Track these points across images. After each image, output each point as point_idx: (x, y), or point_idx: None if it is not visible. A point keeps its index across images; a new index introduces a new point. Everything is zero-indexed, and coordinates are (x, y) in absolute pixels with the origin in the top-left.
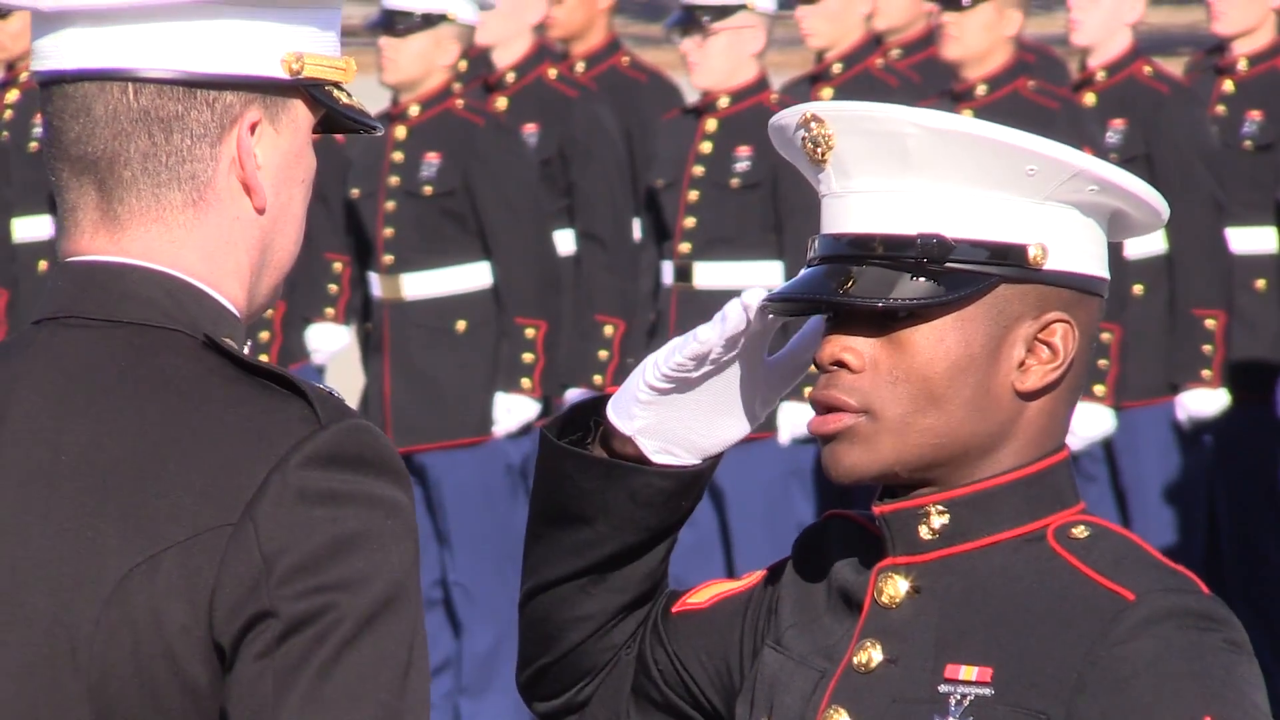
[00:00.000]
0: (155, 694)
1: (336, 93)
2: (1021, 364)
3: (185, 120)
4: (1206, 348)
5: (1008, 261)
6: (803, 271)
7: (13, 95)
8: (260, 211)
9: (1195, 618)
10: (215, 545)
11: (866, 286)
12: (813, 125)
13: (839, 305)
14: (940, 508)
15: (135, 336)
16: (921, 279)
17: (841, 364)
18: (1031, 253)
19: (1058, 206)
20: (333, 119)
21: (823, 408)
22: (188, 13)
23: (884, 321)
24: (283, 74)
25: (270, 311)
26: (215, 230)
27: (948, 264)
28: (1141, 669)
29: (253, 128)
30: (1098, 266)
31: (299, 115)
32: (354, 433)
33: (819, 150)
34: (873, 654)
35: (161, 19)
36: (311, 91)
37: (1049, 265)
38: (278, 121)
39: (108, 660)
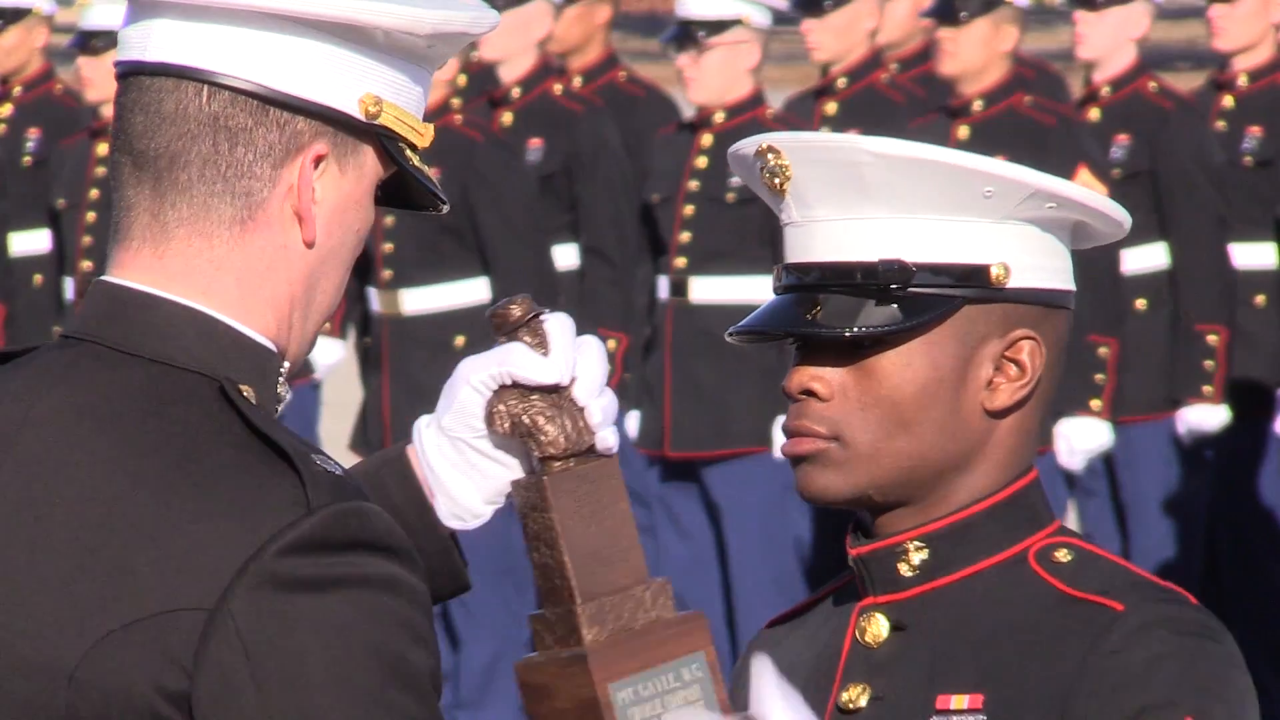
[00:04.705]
0: None
1: (409, 152)
2: (990, 383)
3: (252, 135)
4: (1208, 363)
5: (970, 283)
6: (769, 300)
7: (6, 110)
8: (309, 245)
9: (1188, 625)
10: (190, 627)
11: (831, 315)
12: (769, 156)
13: (805, 336)
14: (918, 543)
15: (151, 379)
16: (886, 305)
17: (810, 393)
18: (994, 272)
19: (1017, 224)
20: (397, 192)
21: (793, 434)
22: (278, 25)
23: (851, 349)
24: (357, 113)
25: None
26: (259, 254)
27: (911, 289)
28: (1134, 677)
29: (317, 160)
30: (1062, 280)
31: (366, 163)
32: (343, 517)
33: (777, 181)
34: (860, 693)
35: (251, 25)
36: (384, 143)
37: (1012, 283)
38: (344, 162)
39: (79, 716)
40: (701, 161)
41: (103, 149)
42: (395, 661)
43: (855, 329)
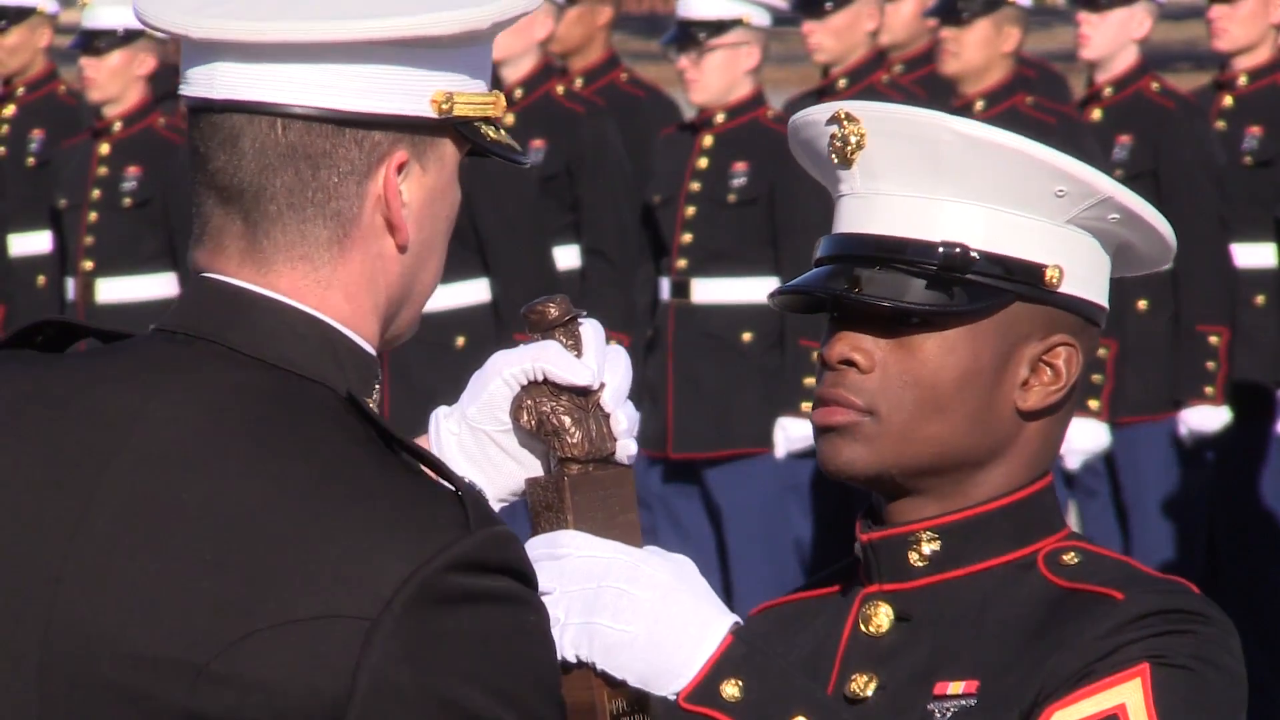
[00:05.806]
0: None
1: (485, 128)
2: (1025, 383)
3: (333, 157)
4: (1210, 364)
5: (1025, 280)
6: (814, 269)
7: (9, 110)
8: (402, 249)
9: (1181, 615)
10: (348, 635)
11: (881, 288)
12: (845, 123)
13: (862, 304)
14: (931, 534)
15: (280, 384)
16: (936, 288)
17: (850, 363)
18: (1048, 274)
19: (1075, 231)
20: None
21: (827, 403)
22: (339, 54)
23: (893, 325)
24: (432, 114)
25: None
26: (359, 268)
27: (966, 275)
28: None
29: (400, 166)
30: (1102, 296)
31: (446, 153)
32: (499, 541)
33: (848, 149)
34: (867, 683)
35: (312, 59)
36: (459, 129)
37: (1063, 288)
38: (425, 159)
39: (204, 715)
40: (703, 162)
41: (105, 149)
42: (541, 673)
43: (905, 303)
